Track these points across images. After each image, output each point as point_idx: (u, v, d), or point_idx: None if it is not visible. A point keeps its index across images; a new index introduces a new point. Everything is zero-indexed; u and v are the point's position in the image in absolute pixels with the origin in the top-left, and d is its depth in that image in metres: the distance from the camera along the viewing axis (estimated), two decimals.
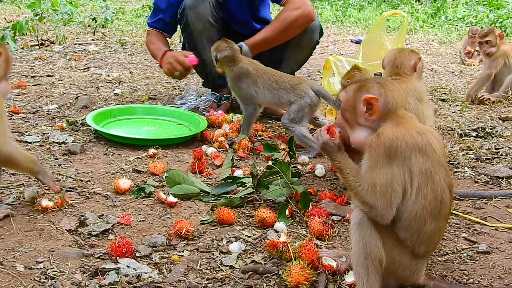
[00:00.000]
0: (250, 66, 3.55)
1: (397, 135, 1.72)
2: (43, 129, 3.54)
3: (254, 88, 3.51)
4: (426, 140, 1.74)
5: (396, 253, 1.78)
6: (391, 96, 1.82)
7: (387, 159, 1.71)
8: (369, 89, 1.84)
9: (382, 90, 1.82)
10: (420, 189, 1.72)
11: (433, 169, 1.74)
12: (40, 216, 2.37)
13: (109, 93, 4.59)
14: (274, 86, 3.48)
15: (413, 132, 1.74)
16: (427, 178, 1.73)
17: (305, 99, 3.37)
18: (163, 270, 2.02)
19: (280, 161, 2.73)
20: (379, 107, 1.80)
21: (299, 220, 2.51)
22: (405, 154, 1.71)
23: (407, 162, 1.71)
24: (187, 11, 4.01)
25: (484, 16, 10.77)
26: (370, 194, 1.72)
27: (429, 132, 1.78)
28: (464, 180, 3.09)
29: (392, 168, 1.70)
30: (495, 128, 4.04)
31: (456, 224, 2.52)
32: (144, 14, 9.63)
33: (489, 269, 2.13)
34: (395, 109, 1.82)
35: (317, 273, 2.00)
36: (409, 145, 1.71)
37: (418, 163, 1.72)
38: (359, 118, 1.85)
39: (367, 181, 1.73)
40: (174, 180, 2.69)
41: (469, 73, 6.54)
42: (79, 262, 2.03)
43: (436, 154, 1.75)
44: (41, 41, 6.70)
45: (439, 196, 1.75)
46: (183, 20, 4.07)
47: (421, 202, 1.73)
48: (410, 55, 2.91)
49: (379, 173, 1.71)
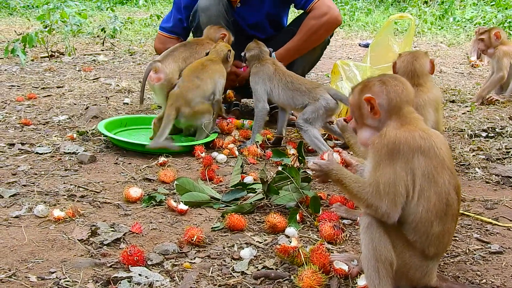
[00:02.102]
0: (271, 65, 3.62)
1: (400, 136, 1.73)
2: (53, 140, 3.57)
3: (269, 85, 3.56)
4: (429, 143, 1.74)
5: (406, 255, 1.78)
6: (394, 92, 1.82)
7: (389, 159, 1.71)
8: (371, 88, 1.85)
9: (384, 87, 1.83)
10: (423, 191, 1.72)
11: (435, 172, 1.73)
12: (52, 226, 2.39)
13: (119, 102, 4.62)
14: (290, 86, 3.52)
15: (416, 135, 1.74)
16: (429, 181, 1.73)
17: (321, 101, 3.39)
18: (175, 277, 2.03)
19: (290, 166, 2.73)
20: (379, 105, 1.81)
21: (310, 224, 2.51)
22: (407, 155, 1.71)
23: (409, 164, 1.71)
24: (199, 13, 4.02)
25: (492, 16, 10.72)
26: (374, 195, 1.72)
27: (433, 135, 1.78)
28: (475, 181, 3.07)
29: (395, 168, 1.71)
30: (505, 128, 4.02)
31: (468, 225, 2.51)
32: (153, 24, 9.69)
33: (502, 269, 2.12)
34: (400, 105, 1.82)
35: (329, 277, 2.00)
36: (411, 147, 1.72)
37: (421, 166, 1.72)
38: (366, 118, 1.87)
39: (371, 182, 1.73)
40: (184, 188, 2.71)
41: (478, 74, 6.51)
42: (91, 272, 2.04)
43: (440, 157, 1.75)
44: (51, 52, 6.76)
45: (444, 198, 1.75)
46: (195, 22, 4.08)
47: (424, 205, 1.73)
48: (424, 58, 2.87)
49: (382, 172, 1.72)
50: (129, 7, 13.50)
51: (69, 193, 2.76)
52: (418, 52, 2.95)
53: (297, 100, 3.48)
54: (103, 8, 12.12)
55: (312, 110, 3.39)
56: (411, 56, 2.89)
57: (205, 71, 3.56)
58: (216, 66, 3.64)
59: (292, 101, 3.51)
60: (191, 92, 3.49)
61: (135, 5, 13.75)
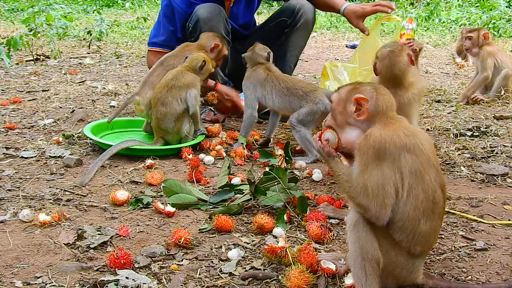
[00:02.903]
0: (264, 70, 3.58)
1: (385, 136, 1.74)
2: (39, 144, 3.55)
3: (261, 91, 3.53)
4: (414, 141, 1.76)
5: (392, 253, 1.79)
6: (383, 99, 1.87)
7: (376, 160, 1.73)
8: (362, 91, 1.89)
9: (375, 93, 1.87)
10: (411, 189, 1.74)
11: (422, 169, 1.75)
12: (37, 231, 2.37)
13: (105, 105, 4.60)
14: (285, 92, 3.48)
15: (400, 133, 1.76)
16: (417, 178, 1.74)
17: (319, 106, 3.38)
18: (163, 280, 2.02)
19: (277, 167, 2.74)
20: (369, 108, 1.83)
21: (297, 224, 2.52)
22: (394, 155, 1.72)
23: (396, 163, 1.73)
24: (201, 24, 3.95)
25: (477, 17, 10.81)
26: (363, 196, 1.74)
27: (417, 133, 1.81)
28: (460, 179, 3.10)
29: (382, 170, 1.72)
30: (490, 127, 4.06)
31: (453, 222, 2.53)
32: (139, 26, 9.66)
33: (487, 265, 2.14)
34: (384, 112, 1.85)
35: (316, 276, 2.01)
36: (397, 146, 1.73)
37: (408, 164, 1.73)
38: (348, 118, 1.89)
39: (359, 184, 1.75)
40: (171, 190, 2.70)
41: (463, 74, 6.57)
42: (78, 276, 2.03)
43: (425, 154, 1.77)
44: (36, 56, 6.71)
45: (431, 196, 1.77)
46: (196, 33, 3.98)
47: (412, 203, 1.74)
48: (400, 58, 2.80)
49: (370, 175, 1.73)
50: (116, 10, 13.44)
51: (55, 197, 2.74)
52: (394, 53, 2.82)
53: (295, 104, 3.45)
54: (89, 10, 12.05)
55: (308, 112, 3.38)
56: (389, 61, 2.81)
57: (169, 93, 3.48)
58: (185, 78, 3.53)
59: (289, 106, 3.48)
60: (162, 122, 3.50)
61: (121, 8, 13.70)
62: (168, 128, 3.50)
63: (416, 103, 2.82)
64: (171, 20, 4.14)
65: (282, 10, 4.33)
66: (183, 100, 3.50)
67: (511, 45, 8.81)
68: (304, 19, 4.25)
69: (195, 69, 3.57)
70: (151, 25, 9.80)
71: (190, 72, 3.56)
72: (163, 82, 3.55)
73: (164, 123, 3.49)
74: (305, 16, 4.24)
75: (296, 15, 4.24)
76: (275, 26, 4.31)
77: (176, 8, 4.07)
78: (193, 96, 3.52)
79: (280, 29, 4.30)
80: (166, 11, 4.15)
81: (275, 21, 4.33)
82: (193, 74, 3.56)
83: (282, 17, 4.30)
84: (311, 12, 4.28)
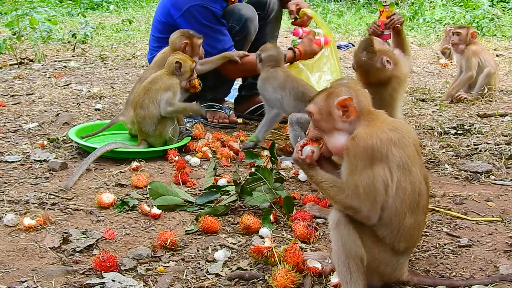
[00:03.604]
0: (283, 72, 3.58)
1: (371, 134, 1.75)
2: (24, 148, 3.52)
3: (280, 92, 3.52)
4: (399, 134, 1.78)
5: (376, 250, 1.80)
6: (361, 95, 1.88)
7: (366, 160, 1.73)
8: (339, 93, 1.87)
9: (352, 91, 1.86)
10: (400, 182, 1.75)
11: (409, 161, 1.77)
12: (22, 235, 2.36)
13: (91, 108, 4.58)
14: (300, 96, 3.44)
15: (385, 129, 1.78)
16: (405, 171, 1.76)
17: None
18: (149, 282, 2.02)
19: (263, 167, 2.75)
20: (355, 106, 1.83)
21: (283, 224, 2.53)
22: (381, 151, 1.74)
23: (385, 159, 1.74)
24: (248, 23, 4.05)
25: (461, 17, 10.93)
26: (354, 198, 1.74)
27: (400, 126, 1.83)
28: (445, 177, 3.13)
29: (372, 169, 1.73)
30: (473, 125, 4.11)
31: (438, 220, 2.56)
32: (124, 29, 9.61)
33: (471, 262, 2.17)
34: (367, 107, 1.86)
35: (302, 275, 2.02)
36: (383, 142, 1.74)
37: (395, 158, 1.75)
38: (336, 123, 1.87)
39: (350, 186, 1.75)
40: (157, 192, 2.70)
41: (447, 73, 6.63)
42: (63, 279, 2.02)
43: (410, 146, 1.79)
44: (20, 59, 6.65)
45: (417, 188, 1.79)
46: (244, 32, 4.06)
47: (400, 196, 1.76)
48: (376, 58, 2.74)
49: (360, 175, 1.74)
50: (101, 13, 13.36)
51: (40, 201, 2.72)
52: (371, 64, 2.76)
53: (302, 109, 3.43)
54: (74, 13, 11.95)
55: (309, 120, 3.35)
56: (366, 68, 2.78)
57: (146, 96, 3.50)
58: (162, 81, 3.54)
59: (298, 110, 3.42)
60: (143, 125, 3.52)
61: (106, 10, 13.61)
62: (149, 131, 3.51)
63: (399, 93, 2.84)
64: (219, 23, 4.04)
65: (253, 4, 4.31)
66: (158, 103, 3.51)
67: (494, 43, 8.92)
68: (275, 10, 4.36)
69: (174, 72, 3.58)
70: (136, 28, 9.86)
71: (170, 76, 3.58)
72: (142, 86, 3.59)
73: (144, 126, 3.51)
74: (275, 6, 4.35)
75: (268, 8, 4.33)
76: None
77: (217, 13, 4.01)
78: (165, 99, 3.51)
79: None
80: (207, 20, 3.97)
81: None
82: (171, 78, 3.57)
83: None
84: (278, 2, 4.38)
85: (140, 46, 8.14)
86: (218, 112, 4.26)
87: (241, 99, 4.57)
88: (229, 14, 4.06)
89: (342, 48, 8.51)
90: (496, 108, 4.61)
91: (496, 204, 2.73)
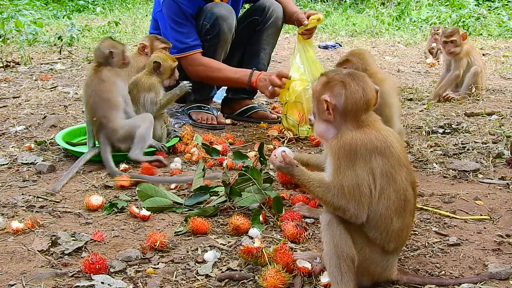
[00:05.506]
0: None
1: (356, 139, 1.76)
2: (10, 151, 3.49)
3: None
4: (385, 144, 1.78)
5: (367, 251, 1.81)
6: (352, 98, 1.81)
7: (349, 161, 1.74)
8: (331, 88, 1.84)
9: (344, 91, 1.82)
10: (383, 190, 1.76)
11: (393, 170, 1.78)
12: (10, 238, 2.34)
13: (78, 111, 4.54)
14: None
15: (372, 136, 1.77)
16: (388, 180, 1.77)
17: None
18: (139, 283, 2.01)
19: (251, 167, 2.74)
20: (335, 108, 1.81)
21: (273, 225, 2.53)
22: (365, 156, 1.74)
23: (368, 164, 1.74)
24: (220, 21, 4.00)
25: (447, 16, 11.02)
26: (340, 197, 1.75)
27: (388, 135, 1.82)
28: (433, 176, 3.15)
29: (355, 170, 1.74)
30: (461, 124, 4.13)
31: (427, 219, 2.57)
32: (111, 31, 9.56)
33: (460, 260, 2.18)
34: (355, 112, 1.82)
35: (292, 275, 2.02)
36: (368, 148, 1.75)
37: (379, 166, 1.75)
38: (321, 114, 1.87)
39: (335, 185, 1.76)
40: (146, 194, 2.69)
41: (434, 72, 6.67)
42: (52, 282, 2.00)
43: (396, 155, 1.79)
44: (6, 62, 6.59)
45: (402, 195, 1.80)
46: (215, 30, 4.02)
47: (384, 203, 1.77)
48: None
49: (344, 175, 1.74)
50: (87, 15, 13.29)
51: (27, 204, 2.70)
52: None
53: None
54: (60, 16, 11.88)
55: None
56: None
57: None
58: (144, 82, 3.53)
59: None
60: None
61: (92, 13, 13.54)
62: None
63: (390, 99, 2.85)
64: (187, 20, 4.05)
65: (253, 9, 4.36)
66: (141, 104, 3.50)
67: (480, 43, 9.00)
68: (274, 17, 4.33)
69: (152, 71, 3.57)
70: (123, 30, 9.81)
71: (150, 76, 3.57)
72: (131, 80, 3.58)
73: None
74: (275, 13, 4.32)
75: (267, 13, 4.31)
76: (247, 25, 4.36)
77: (187, 11, 4.01)
78: (149, 99, 3.50)
79: (252, 27, 4.35)
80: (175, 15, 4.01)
81: (247, 20, 4.37)
82: (152, 77, 3.56)
83: (253, 16, 4.35)
84: (280, 10, 4.36)
85: (127, 48, 8.08)
86: (206, 113, 4.25)
87: (228, 101, 4.57)
88: (202, 13, 4.06)
89: (330, 48, 8.55)
90: (483, 107, 4.65)
91: (484, 203, 2.75)
